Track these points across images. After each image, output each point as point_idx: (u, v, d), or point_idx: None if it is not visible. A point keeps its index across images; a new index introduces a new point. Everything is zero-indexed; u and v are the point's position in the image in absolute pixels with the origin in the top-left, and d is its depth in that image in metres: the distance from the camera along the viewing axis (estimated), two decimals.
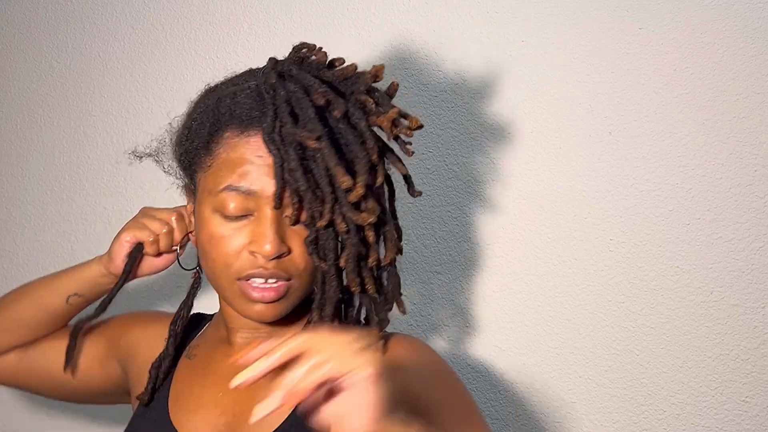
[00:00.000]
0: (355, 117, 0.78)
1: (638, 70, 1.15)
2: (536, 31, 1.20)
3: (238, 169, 0.80)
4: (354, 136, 0.77)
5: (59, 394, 1.08)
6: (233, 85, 0.86)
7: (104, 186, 1.45)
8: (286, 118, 0.76)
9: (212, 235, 0.82)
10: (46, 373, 1.04)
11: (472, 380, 1.21)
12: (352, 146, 0.77)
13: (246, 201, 0.80)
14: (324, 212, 0.76)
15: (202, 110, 0.86)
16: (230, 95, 0.83)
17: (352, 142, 0.77)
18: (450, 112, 1.23)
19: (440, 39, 1.24)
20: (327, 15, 1.32)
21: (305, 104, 0.76)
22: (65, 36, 1.50)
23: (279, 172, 0.77)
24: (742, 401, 1.11)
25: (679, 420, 1.13)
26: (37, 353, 1.04)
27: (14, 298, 1.04)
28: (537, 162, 1.19)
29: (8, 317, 1.03)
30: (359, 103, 0.78)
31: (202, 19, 1.40)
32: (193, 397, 0.88)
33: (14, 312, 1.03)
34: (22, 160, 1.52)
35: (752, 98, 1.10)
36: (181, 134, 0.89)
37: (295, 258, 0.81)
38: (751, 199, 1.10)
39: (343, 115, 0.76)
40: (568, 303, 1.18)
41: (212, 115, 0.83)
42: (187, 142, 0.86)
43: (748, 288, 1.11)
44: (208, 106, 0.85)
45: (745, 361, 1.11)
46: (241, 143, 0.80)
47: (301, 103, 0.77)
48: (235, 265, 0.81)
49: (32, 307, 1.02)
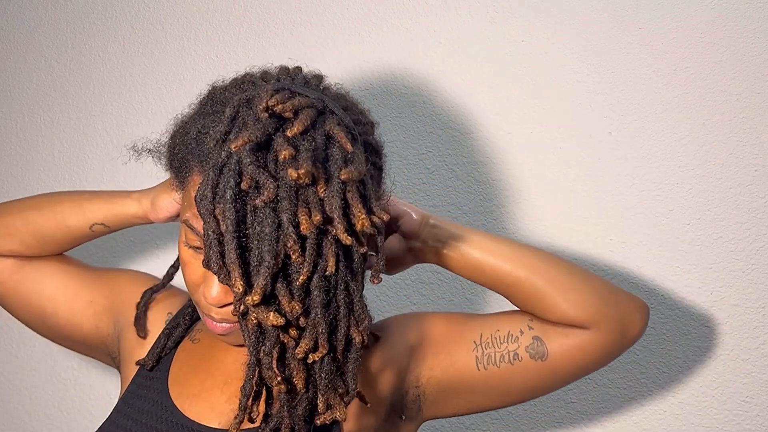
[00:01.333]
0: (281, 206, 0.67)
1: (638, 70, 1.15)
2: (536, 31, 1.20)
3: (194, 209, 0.76)
4: (269, 230, 0.67)
5: (37, 322, 1.00)
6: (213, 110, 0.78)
7: (104, 186, 1.45)
8: (209, 192, 0.68)
9: (182, 258, 0.80)
10: (35, 296, 0.97)
11: None
12: (263, 241, 0.67)
13: (198, 239, 0.77)
14: (235, 302, 0.70)
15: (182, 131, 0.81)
16: (198, 129, 0.77)
17: (264, 237, 0.67)
18: (450, 112, 1.23)
19: (440, 39, 1.25)
20: (327, 15, 1.32)
21: (227, 181, 0.68)
22: (65, 36, 1.50)
23: (206, 242, 0.69)
24: (742, 401, 1.11)
25: (679, 420, 1.13)
26: (34, 273, 0.98)
27: (37, 203, 0.97)
28: (537, 162, 1.19)
29: (23, 220, 0.96)
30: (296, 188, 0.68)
31: (202, 19, 1.40)
32: (197, 381, 0.87)
33: (31, 217, 0.96)
34: (22, 160, 1.52)
35: (752, 98, 1.11)
36: (168, 143, 0.85)
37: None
38: (751, 199, 1.10)
39: (269, 203, 0.67)
40: None
41: (185, 147, 0.79)
42: (169, 156, 0.84)
43: (748, 288, 1.11)
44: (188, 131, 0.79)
45: (745, 361, 1.11)
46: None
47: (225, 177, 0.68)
48: (194, 297, 0.80)
49: (52, 220, 0.96)
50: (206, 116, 0.78)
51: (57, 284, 0.98)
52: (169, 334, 0.92)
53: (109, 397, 1.42)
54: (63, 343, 1.02)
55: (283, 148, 0.67)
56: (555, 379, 0.85)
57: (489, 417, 1.20)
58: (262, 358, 0.72)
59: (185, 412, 0.84)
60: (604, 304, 0.82)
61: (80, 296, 0.98)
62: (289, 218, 0.67)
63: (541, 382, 0.85)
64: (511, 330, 0.84)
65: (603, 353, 0.83)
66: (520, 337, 0.83)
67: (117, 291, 0.99)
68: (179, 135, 0.81)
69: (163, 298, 0.99)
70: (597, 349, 0.82)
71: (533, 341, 0.83)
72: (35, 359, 1.47)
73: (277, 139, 0.69)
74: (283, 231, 0.67)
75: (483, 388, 0.86)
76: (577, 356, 0.83)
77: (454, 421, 1.22)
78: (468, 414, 0.90)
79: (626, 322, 0.83)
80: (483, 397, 0.87)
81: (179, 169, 0.80)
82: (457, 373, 0.86)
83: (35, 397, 1.47)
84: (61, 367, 1.45)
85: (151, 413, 0.85)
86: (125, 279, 1.00)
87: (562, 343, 0.82)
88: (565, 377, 0.85)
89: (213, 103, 0.79)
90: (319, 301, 0.71)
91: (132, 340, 0.95)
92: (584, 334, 0.82)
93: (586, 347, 0.82)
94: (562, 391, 1.17)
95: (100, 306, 0.98)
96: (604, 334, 0.82)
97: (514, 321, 0.85)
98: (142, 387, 0.89)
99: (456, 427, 1.22)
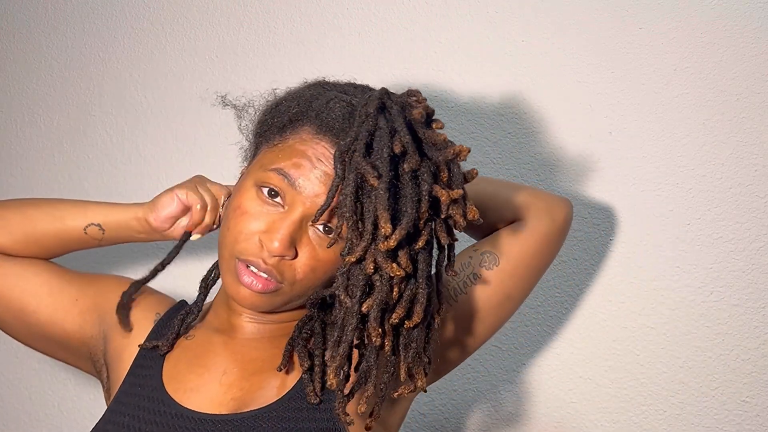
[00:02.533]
0: (421, 177, 0.77)
1: (638, 70, 1.15)
2: (536, 31, 1.20)
3: (296, 159, 0.81)
4: (412, 193, 0.76)
5: (16, 321, 0.96)
6: (337, 90, 0.87)
7: (104, 186, 1.45)
8: (361, 147, 0.76)
9: (240, 206, 0.83)
10: (18, 291, 0.95)
11: (473, 380, 1.21)
12: (406, 201, 0.76)
13: (286, 189, 0.81)
14: (357, 248, 0.75)
15: (297, 96, 0.88)
16: (328, 98, 0.85)
17: (408, 197, 0.76)
18: (450, 113, 1.23)
19: (440, 39, 1.25)
20: (327, 15, 1.32)
21: (384, 143, 0.77)
22: (65, 36, 1.50)
23: (333, 190, 0.77)
24: (742, 401, 1.11)
25: (679, 420, 1.13)
26: (18, 267, 0.95)
27: (37, 202, 0.98)
28: (537, 162, 1.19)
29: (21, 214, 0.95)
30: (433, 167, 0.78)
31: (202, 19, 1.41)
32: (193, 376, 0.87)
33: (29, 211, 0.95)
34: (22, 160, 1.52)
35: (752, 98, 1.11)
36: (269, 105, 0.91)
37: (296, 265, 0.82)
38: (751, 199, 1.10)
39: (412, 170, 0.76)
40: (568, 303, 1.18)
41: (303, 105, 0.85)
42: (269, 115, 0.89)
43: (748, 288, 1.11)
44: (304, 96, 0.87)
45: (745, 361, 1.11)
46: (311, 141, 0.82)
47: (381, 141, 0.77)
48: (241, 244, 0.82)
49: (48, 218, 0.95)
50: (329, 91, 0.86)
51: (41, 281, 0.95)
52: (183, 320, 0.92)
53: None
54: (40, 345, 0.99)
55: (436, 134, 0.79)
56: (517, 279, 0.94)
57: (489, 417, 1.20)
58: (369, 309, 0.75)
59: (184, 404, 0.84)
60: (533, 198, 0.96)
61: (65, 294, 0.96)
62: (427, 189, 0.76)
63: (507, 288, 0.93)
64: (461, 261, 0.92)
65: (542, 239, 0.94)
66: (471, 261, 0.92)
67: (102, 292, 0.97)
68: (291, 99, 0.88)
69: (150, 298, 0.98)
70: (535, 236, 0.94)
71: (482, 256, 0.92)
72: (35, 359, 1.47)
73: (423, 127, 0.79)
74: (422, 197, 0.76)
75: (463, 318, 0.91)
76: (523, 247, 0.93)
77: (454, 421, 1.22)
78: (474, 350, 0.96)
79: (552, 209, 0.96)
80: (469, 326, 0.92)
81: (284, 124, 0.85)
82: None
83: (35, 397, 1.47)
84: (61, 367, 1.45)
85: (148, 408, 0.85)
86: (111, 281, 0.99)
87: (506, 243, 0.93)
88: (524, 273, 0.94)
89: (332, 86, 0.88)
90: (424, 272, 0.78)
91: (120, 342, 0.94)
92: (520, 227, 0.94)
93: (527, 237, 0.94)
94: (562, 391, 1.17)
95: (84, 305, 0.96)
96: (537, 221, 0.94)
97: (462, 254, 0.94)
98: (135, 386, 0.88)
99: (456, 426, 1.22)
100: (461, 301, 0.91)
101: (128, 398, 0.87)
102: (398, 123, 0.78)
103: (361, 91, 0.87)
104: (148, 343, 0.91)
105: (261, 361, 0.87)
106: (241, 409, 0.82)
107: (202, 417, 0.82)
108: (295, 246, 0.81)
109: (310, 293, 0.85)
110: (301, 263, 0.82)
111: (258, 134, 0.91)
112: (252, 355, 0.87)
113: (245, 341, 0.89)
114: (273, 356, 0.86)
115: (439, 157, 0.78)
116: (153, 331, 0.93)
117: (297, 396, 0.82)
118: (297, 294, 0.84)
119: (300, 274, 0.82)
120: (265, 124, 0.89)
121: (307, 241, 0.82)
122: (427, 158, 0.78)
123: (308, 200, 0.80)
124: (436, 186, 0.77)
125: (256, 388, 0.84)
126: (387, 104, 0.80)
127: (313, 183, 0.81)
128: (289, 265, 0.82)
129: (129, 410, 0.86)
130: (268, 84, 1.35)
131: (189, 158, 1.39)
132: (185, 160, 1.39)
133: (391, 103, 0.80)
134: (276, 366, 0.84)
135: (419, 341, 0.79)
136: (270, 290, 0.82)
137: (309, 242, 0.82)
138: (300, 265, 0.82)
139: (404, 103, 0.81)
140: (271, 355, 0.87)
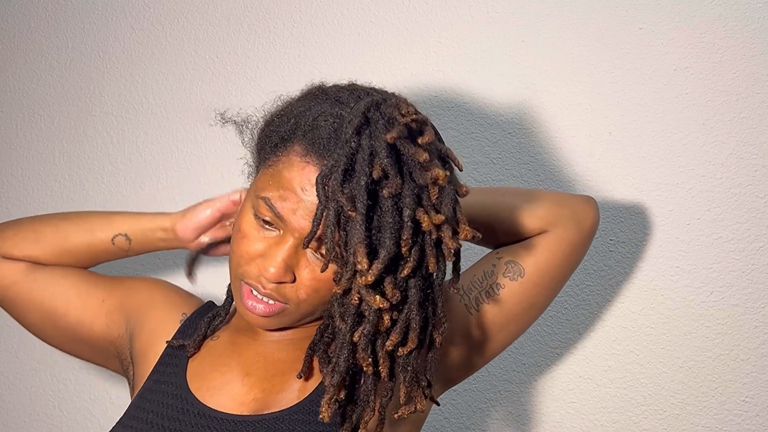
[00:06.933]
0: (403, 202, 0.74)
1: (638, 70, 1.15)
2: (536, 31, 1.20)
3: (282, 191, 0.79)
4: (392, 222, 0.73)
5: (46, 324, 1.00)
6: (332, 100, 0.83)
7: (104, 186, 1.45)
8: (339, 175, 0.73)
9: (240, 229, 0.83)
10: (47, 296, 0.99)
11: (472, 380, 1.21)
12: (385, 231, 0.73)
13: (275, 220, 0.80)
14: (343, 279, 0.74)
15: (290, 109, 0.86)
16: (316, 113, 0.82)
17: (387, 226, 0.73)
18: (450, 112, 1.23)
19: (440, 39, 1.25)
20: (327, 15, 1.32)
21: (363, 168, 0.73)
22: (65, 36, 1.50)
23: (317, 219, 0.75)
24: (742, 401, 1.11)
25: (679, 420, 1.13)
26: (48, 273, 1.00)
27: (67, 216, 1.02)
28: (537, 162, 1.19)
29: (53, 227, 1.00)
30: (417, 188, 0.74)
31: (202, 19, 1.41)
32: (217, 374, 0.88)
33: (61, 224, 1.00)
34: (22, 160, 1.52)
35: (752, 98, 1.11)
36: (268, 119, 0.90)
37: (298, 288, 0.82)
38: (751, 199, 1.10)
39: (392, 195, 0.73)
40: (568, 303, 1.18)
41: (293, 121, 0.83)
42: (266, 130, 0.88)
43: (748, 288, 1.11)
44: (296, 110, 0.84)
45: (745, 361, 1.11)
46: (298, 164, 0.80)
47: (361, 164, 0.74)
48: (243, 267, 0.83)
49: (79, 230, 1.00)
50: (321, 104, 0.82)
51: (69, 284, 0.99)
52: (210, 322, 0.93)
53: (109, 397, 1.42)
54: (69, 347, 1.02)
55: (420, 153, 0.73)
56: (541, 290, 0.92)
57: (489, 417, 1.20)
58: (358, 339, 0.75)
59: (206, 402, 0.85)
60: (557, 207, 0.93)
61: (92, 296, 0.99)
62: (409, 214, 0.73)
63: (531, 298, 0.91)
64: (485, 269, 0.91)
65: (569, 248, 0.92)
66: (494, 269, 0.91)
67: (128, 293, 1.00)
68: (284, 114, 0.85)
69: (177, 298, 1.00)
70: (562, 246, 0.92)
71: (506, 266, 0.91)
72: (35, 359, 1.47)
73: (408, 144, 0.74)
74: (404, 224, 0.73)
75: (485, 328, 0.90)
76: (549, 258, 0.91)
77: (454, 422, 1.22)
78: (494, 357, 0.95)
79: (577, 215, 0.93)
80: (490, 335, 0.91)
81: (276, 143, 0.83)
82: (457, 327, 0.89)
83: (35, 397, 1.47)
84: (61, 367, 1.45)
85: (171, 405, 0.86)
86: (137, 282, 1.02)
87: (532, 254, 0.91)
88: (549, 284, 0.92)
89: (326, 96, 0.84)
90: (416, 298, 0.76)
91: (146, 341, 0.96)
92: (548, 237, 0.91)
93: (553, 247, 0.91)
94: (562, 391, 1.17)
95: (111, 306, 0.99)
96: (563, 230, 0.92)
97: (484, 261, 0.93)
98: (159, 383, 0.90)
99: (456, 427, 1.22)
100: (482, 309, 0.90)
101: (152, 395, 0.89)
102: (378, 143, 0.74)
103: (356, 98, 0.83)
104: (174, 340, 0.92)
105: (284, 362, 0.87)
106: (263, 410, 0.83)
107: (224, 417, 0.83)
108: (292, 270, 0.81)
109: (321, 309, 0.85)
110: (303, 285, 0.82)
111: (258, 149, 0.90)
112: (275, 356, 0.88)
113: (268, 343, 0.89)
114: (296, 358, 0.87)
115: (424, 177, 0.74)
116: (179, 330, 0.95)
117: (317, 400, 0.82)
118: (305, 312, 0.84)
119: (303, 295, 0.82)
120: (261, 140, 0.88)
121: (305, 263, 0.81)
122: (411, 179, 0.74)
123: (297, 231, 0.79)
124: (419, 210, 0.73)
125: (278, 389, 0.84)
126: (373, 119, 0.76)
127: (298, 216, 0.79)
128: (291, 288, 0.82)
129: (152, 407, 0.87)
130: (268, 84, 1.35)
131: (189, 158, 1.39)
132: (185, 160, 1.39)
133: (377, 117, 0.76)
134: (299, 368, 0.85)
135: (416, 365, 0.78)
136: (274, 312, 0.83)
137: (308, 264, 0.81)
138: (302, 287, 0.82)
139: (390, 116, 0.76)
140: (294, 357, 0.87)
